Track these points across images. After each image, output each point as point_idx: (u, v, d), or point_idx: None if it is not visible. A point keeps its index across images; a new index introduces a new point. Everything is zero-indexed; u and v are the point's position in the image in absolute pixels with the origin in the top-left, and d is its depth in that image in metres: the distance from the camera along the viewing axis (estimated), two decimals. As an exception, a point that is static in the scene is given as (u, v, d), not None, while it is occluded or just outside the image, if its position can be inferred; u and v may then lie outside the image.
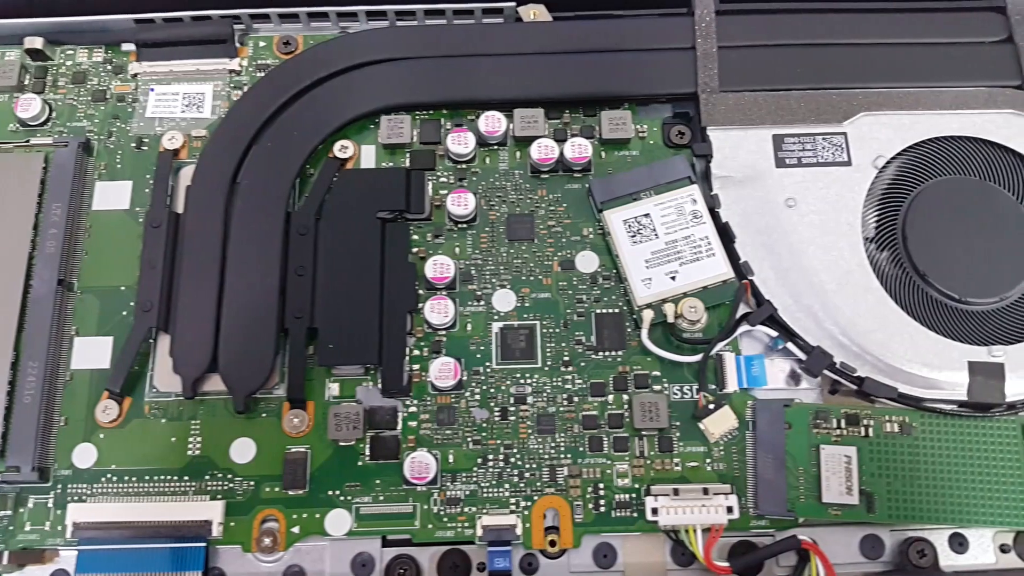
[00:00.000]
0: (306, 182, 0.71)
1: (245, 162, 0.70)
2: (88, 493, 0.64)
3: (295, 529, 0.63)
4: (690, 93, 0.72)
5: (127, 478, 0.64)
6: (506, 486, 0.64)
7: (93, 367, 0.67)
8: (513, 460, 0.64)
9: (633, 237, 0.68)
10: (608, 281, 0.69)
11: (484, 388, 0.66)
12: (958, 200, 0.69)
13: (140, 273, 0.67)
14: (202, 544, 0.62)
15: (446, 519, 0.63)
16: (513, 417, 0.65)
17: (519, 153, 0.72)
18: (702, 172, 0.71)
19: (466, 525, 0.63)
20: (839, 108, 0.71)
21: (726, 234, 0.68)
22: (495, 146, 0.73)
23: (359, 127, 0.73)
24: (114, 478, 0.64)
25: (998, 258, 0.67)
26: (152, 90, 0.75)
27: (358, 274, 0.67)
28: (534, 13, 0.76)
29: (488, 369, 0.66)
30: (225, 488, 0.64)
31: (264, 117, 0.71)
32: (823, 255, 0.67)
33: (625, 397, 0.66)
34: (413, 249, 0.69)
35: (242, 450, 0.65)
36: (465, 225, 0.70)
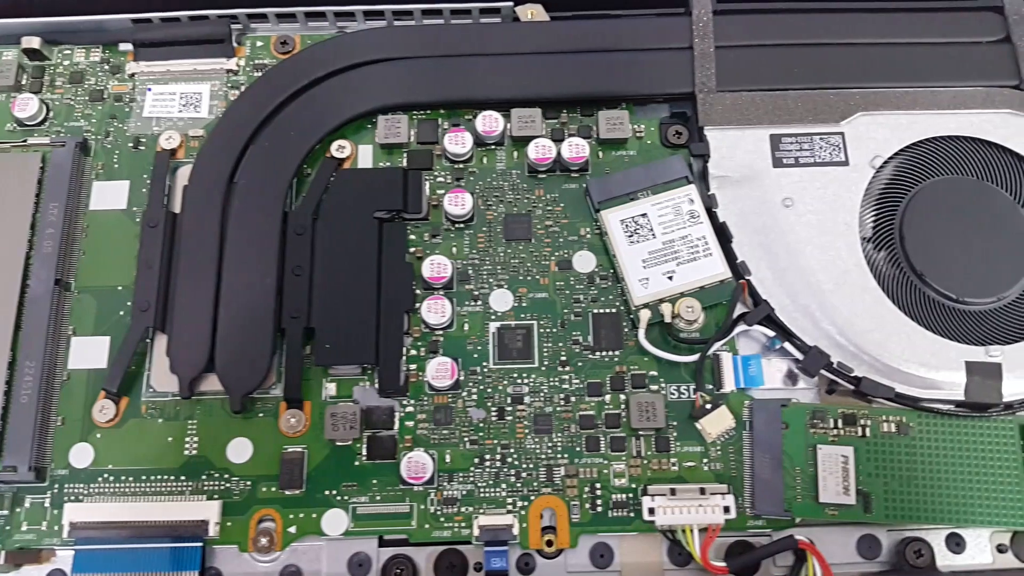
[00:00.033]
0: (303, 182, 0.71)
1: (242, 162, 0.70)
2: (85, 493, 0.64)
3: (292, 529, 0.63)
4: (687, 93, 0.72)
5: (124, 478, 0.64)
6: (503, 486, 0.64)
7: (90, 367, 0.67)
8: (510, 460, 0.64)
9: (630, 237, 0.68)
10: (605, 281, 0.69)
11: (481, 388, 0.66)
12: (955, 200, 0.68)
13: (137, 273, 0.67)
14: (199, 544, 0.62)
15: (443, 519, 0.63)
16: (510, 417, 0.65)
17: (516, 153, 0.72)
18: (699, 172, 0.71)
19: (463, 525, 0.63)
20: (836, 108, 0.71)
21: (723, 234, 0.68)
22: (492, 146, 0.73)
23: (356, 127, 0.73)
24: (111, 478, 0.64)
25: (995, 258, 0.67)
26: (149, 90, 0.75)
27: (355, 274, 0.67)
28: (531, 13, 0.76)
29: (485, 369, 0.66)
30: (222, 488, 0.64)
31: (261, 117, 0.71)
32: (820, 255, 0.67)
33: (622, 397, 0.66)
34: (410, 249, 0.69)
35: (239, 450, 0.65)
36: (462, 225, 0.70)
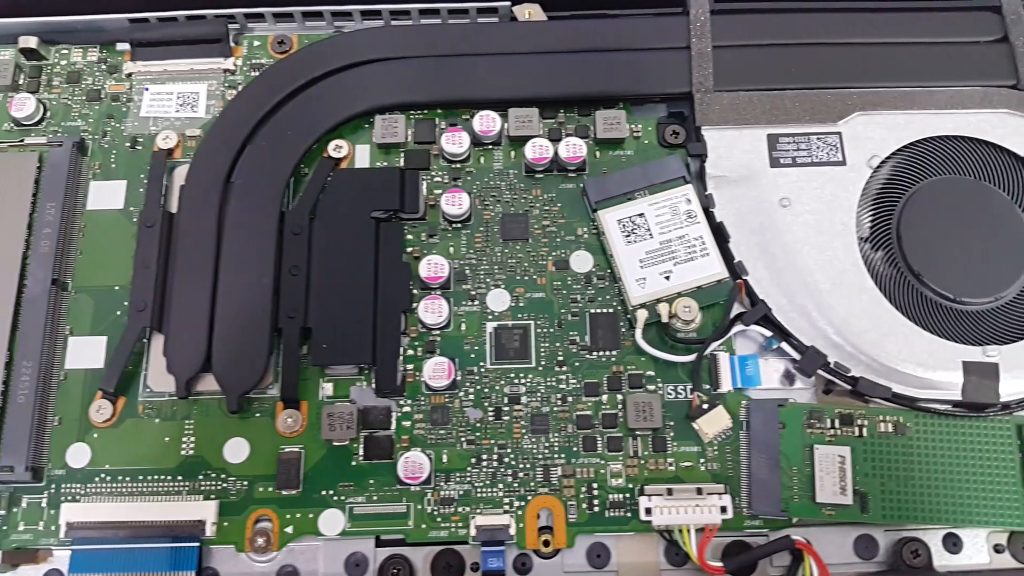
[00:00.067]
0: (300, 181, 0.71)
1: (239, 161, 0.70)
2: (82, 493, 0.64)
3: (288, 529, 0.63)
4: (685, 93, 0.72)
5: (121, 478, 0.64)
6: (500, 486, 0.64)
7: (87, 367, 0.67)
8: (507, 460, 0.64)
9: (627, 237, 0.68)
10: (602, 281, 0.69)
11: (478, 388, 0.66)
12: (953, 200, 0.68)
13: (134, 273, 0.67)
14: (195, 544, 0.62)
15: (440, 519, 0.63)
16: (507, 417, 0.65)
17: (514, 153, 0.72)
18: (696, 172, 0.71)
19: (460, 525, 0.63)
20: (834, 108, 0.71)
21: (720, 234, 0.68)
22: (490, 146, 0.73)
23: (353, 126, 0.73)
24: (108, 478, 0.64)
25: (993, 258, 0.67)
26: (146, 89, 0.75)
27: (352, 274, 0.67)
28: (529, 13, 0.76)
29: (482, 369, 0.66)
30: (219, 488, 0.64)
31: (258, 116, 0.71)
32: (817, 255, 0.67)
33: (619, 397, 0.65)
34: (407, 249, 0.69)
35: (236, 450, 0.65)
36: (459, 225, 0.70)
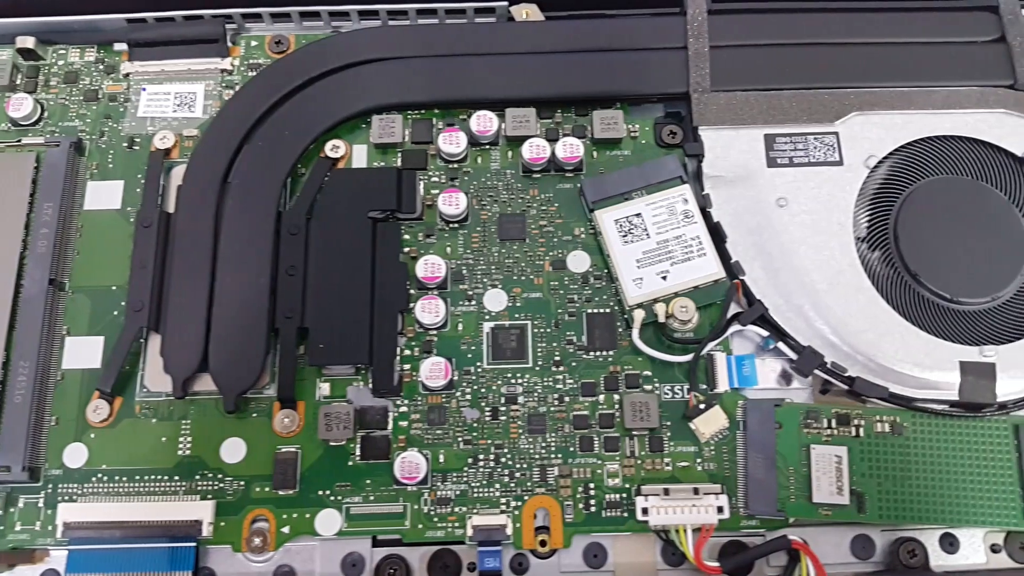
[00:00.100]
0: (297, 182, 0.71)
1: (236, 162, 0.70)
2: (79, 493, 0.64)
3: (285, 529, 0.63)
4: (682, 93, 0.72)
5: (118, 478, 0.64)
6: (496, 486, 0.64)
7: (84, 367, 0.67)
8: (504, 460, 0.64)
9: (624, 237, 0.68)
10: (599, 281, 0.69)
11: (475, 388, 0.66)
12: (950, 200, 0.68)
13: (131, 273, 0.67)
14: (192, 544, 0.62)
15: (436, 519, 0.63)
16: (504, 417, 0.65)
17: (511, 153, 0.72)
18: (694, 172, 0.71)
19: (456, 525, 0.63)
20: (831, 108, 0.71)
21: (717, 234, 0.68)
22: (487, 146, 0.73)
23: (351, 127, 0.73)
24: (104, 478, 0.64)
25: (990, 258, 0.67)
26: (144, 90, 0.75)
27: (349, 274, 0.67)
28: (526, 12, 0.76)
29: (479, 369, 0.66)
30: (215, 488, 0.64)
31: (255, 117, 0.71)
32: (814, 255, 0.67)
33: (616, 397, 0.65)
34: (404, 249, 0.69)
35: (232, 450, 0.65)
36: (456, 225, 0.70)
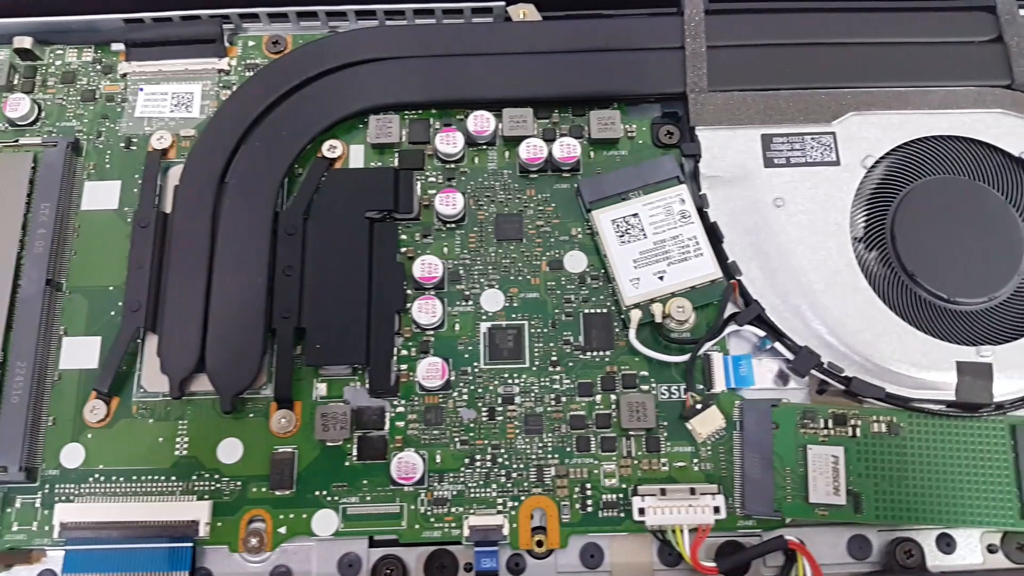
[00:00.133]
0: (294, 182, 0.71)
1: (233, 162, 0.70)
2: (76, 493, 0.64)
3: (282, 529, 0.63)
4: (679, 93, 0.72)
5: (115, 478, 0.64)
6: (493, 486, 0.64)
7: (81, 367, 0.67)
8: (500, 460, 0.64)
9: (621, 237, 0.68)
10: (596, 281, 0.69)
11: (472, 388, 0.66)
12: (947, 200, 0.68)
13: (128, 273, 0.67)
14: (189, 544, 0.62)
15: (433, 519, 0.63)
16: (501, 417, 0.65)
17: (508, 153, 0.72)
18: (690, 172, 0.71)
19: (453, 525, 0.63)
20: (828, 108, 0.71)
21: (714, 234, 0.68)
22: (484, 146, 0.73)
23: (348, 127, 0.73)
24: (102, 478, 0.64)
25: (987, 258, 0.67)
26: (141, 90, 0.75)
27: (346, 274, 0.67)
28: (523, 13, 0.76)
29: (476, 369, 0.66)
30: (212, 488, 0.64)
31: (253, 117, 0.71)
32: (811, 255, 0.67)
33: (613, 397, 0.65)
34: (401, 249, 0.69)
35: (229, 450, 0.65)
36: (453, 225, 0.70)
